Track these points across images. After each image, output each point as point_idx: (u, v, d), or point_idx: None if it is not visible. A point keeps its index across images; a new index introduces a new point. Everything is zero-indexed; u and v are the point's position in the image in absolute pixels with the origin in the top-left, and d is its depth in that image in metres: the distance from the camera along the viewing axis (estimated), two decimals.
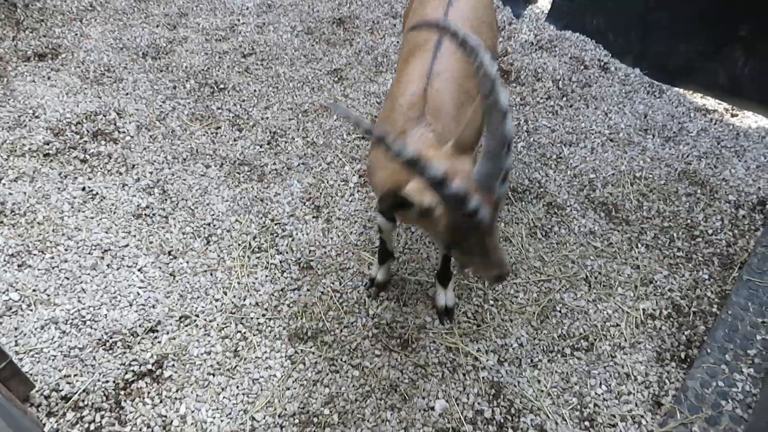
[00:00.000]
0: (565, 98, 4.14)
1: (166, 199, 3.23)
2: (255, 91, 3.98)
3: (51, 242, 2.90)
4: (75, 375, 2.39)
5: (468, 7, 2.45)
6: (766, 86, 3.97)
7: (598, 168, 3.66)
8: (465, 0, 2.46)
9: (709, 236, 3.30)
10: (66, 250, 2.88)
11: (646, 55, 4.38)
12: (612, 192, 3.51)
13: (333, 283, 2.90)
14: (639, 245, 3.24)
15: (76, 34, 4.23)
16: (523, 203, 3.42)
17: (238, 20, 4.59)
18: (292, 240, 3.10)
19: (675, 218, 3.38)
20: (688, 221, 3.37)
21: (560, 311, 2.87)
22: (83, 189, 3.20)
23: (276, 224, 3.18)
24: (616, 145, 3.82)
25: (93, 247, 2.91)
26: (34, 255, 2.82)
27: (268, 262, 2.98)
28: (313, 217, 3.24)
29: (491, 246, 1.78)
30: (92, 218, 3.07)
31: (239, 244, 3.05)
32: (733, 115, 4.14)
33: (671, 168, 3.68)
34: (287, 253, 3.04)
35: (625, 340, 2.76)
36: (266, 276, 2.91)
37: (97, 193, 3.19)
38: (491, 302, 2.88)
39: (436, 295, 2.83)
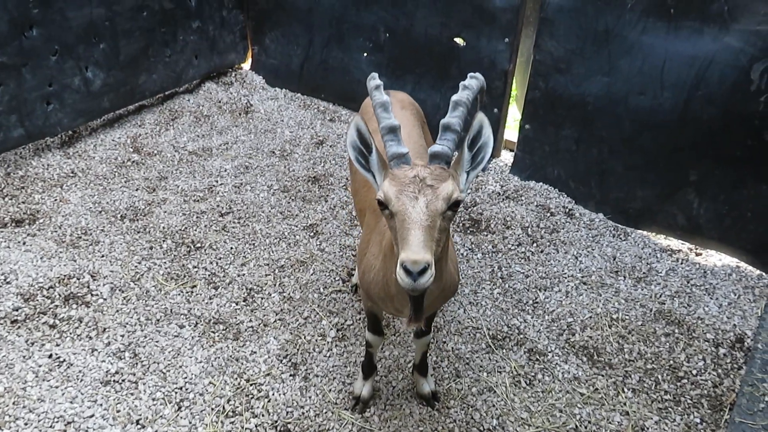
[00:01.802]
0: (535, 244, 4.27)
1: (136, 363, 3.11)
2: (232, 248, 4.02)
3: (10, 416, 2.72)
4: None
5: (405, 135, 2.60)
6: (722, 226, 4.17)
7: (575, 311, 3.68)
8: (404, 130, 2.63)
9: (694, 377, 3.25)
10: (26, 424, 2.70)
11: (607, 201, 4.61)
12: (591, 335, 3.50)
13: None
14: (625, 389, 3.17)
15: (56, 200, 4.32)
16: (504, 351, 3.37)
17: (216, 181, 4.76)
18: (268, 401, 2.97)
19: (657, 359, 3.35)
20: (671, 362, 3.34)
21: None
22: (50, 356, 3.08)
23: (251, 384, 3.05)
24: (590, 288, 3.88)
25: (55, 420, 2.73)
26: None
27: (242, 427, 2.81)
28: (290, 375, 3.13)
29: (410, 220, 1.75)
30: (57, 387, 2.92)
31: (212, 409, 2.90)
32: (697, 254, 4.28)
33: (646, 308, 3.72)
34: (263, 415, 2.89)
35: None
36: None
37: (64, 360, 3.07)
38: None
39: (419, 386, 3.01)
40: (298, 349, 3.29)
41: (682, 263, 4.16)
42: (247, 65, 6.64)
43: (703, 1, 3.77)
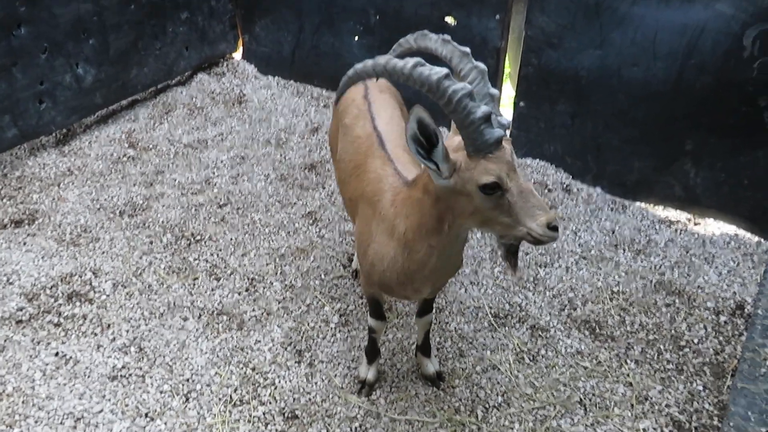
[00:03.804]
0: None
1: (142, 357, 3.14)
2: (231, 239, 4.03)
3: (20, 415, 2.75)
4: None
5: (388, 117, 2.80)
6: (719, 194, 4.17)
7: (576, 286, 3.69)
8: (384, 115, 2.81)
9: (696, 345, 3.28)
10: (36, 422, 2.73)
11: (604, 175, 4.61)
12: (593, 309, 3.52)
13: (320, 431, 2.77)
14: (628, 361, 3.20)
15: (54, 199, 4.33)
16: (507, 329, 3.40)
17: (213, 173, 4.76)
18: (275, 389, 3.00)
19: (659, 330, 3.38)
20: (672, 332, 3.36)
21: None
22: (56, 354, 3.11)
23: (257, 373, 3.08)
24: (590, 263, 3.89)
25: (65, 416, 2.77)
26: (1, 431, 2.66)
27: (250, 415, 2.85)
28: (296, 362, 3.16)
29: (527, 189, 1.91)
30: (65, 385, 2.95)
31: (220, 399, 2.93)
32: (696, 224, 4.29)
33: (646, 280, 3.74)
34: (270, 403, 2.92)
35: None
36: (249, 431, 2.77)
37: (70, 358, 3.09)
38: None
39: (423, 367, 3.07)
40: (302, 336, 3.32)
41: (680, 233, 4.17)
42: (238, 54, 6.59)
43: None
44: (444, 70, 1.85)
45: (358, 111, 2.83)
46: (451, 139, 2.09)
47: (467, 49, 2.15)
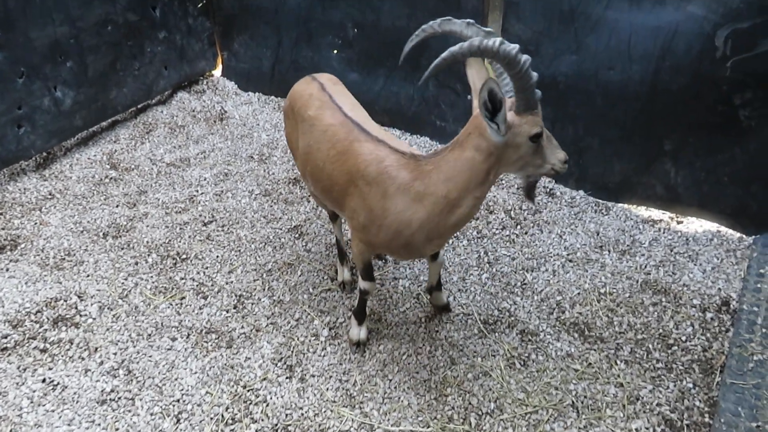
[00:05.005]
0: (519, 226, 4.30)
1: (131, 380, 3.10)
2: (218, 256, 4.01)
3: None
4: None
5: (350, 105, 3.12)
6: (700, 192, 4.23)
7: (563, 289, 3.72)
8: (347, 103, 3.12)
9: (684, 343, 3.31)
10: None
11: (586, 177, 4.66)
12: (581, 311, 3.55)
13: None
14: (618, 362, 3.22)
15: (36, 223, 4.28)
16: (497, 334, 3.41)
17: (197, 191, 4.74)
18: (267, 405, 2.98)
19: (647, 329, 3.41)
20: (660, 331, 3.39)
21: None
22: (43, 380, 3.06)
23: (249, 390, 3.06)
24: (576, 265, 3.92)
25: None
26: None
27: None
28: (287, 377, 3.14)
29: (549, 135, 2.58)
30: (53, 411, 2.90)
31: (211, 418, 2.90)
32: (678, 222, 4.34)
33: (632, 280, 3.77)
34: (263, 420, 2.90)
35: None
36: None
37: (58, 383, 3.05)
38: None
39: (438, 299, 3.48)
40: (292, 351, 3.30)
41: (664, 233, 4.21)
42: (218, 72, 6.60)
43: None
44: (517, 46, 2.27)
45: (320, 102, 3.08)
46: (506, 103, 2.47)
47: (491, 29, 2.54)
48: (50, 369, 3.15)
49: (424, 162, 2.66)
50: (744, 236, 4.11)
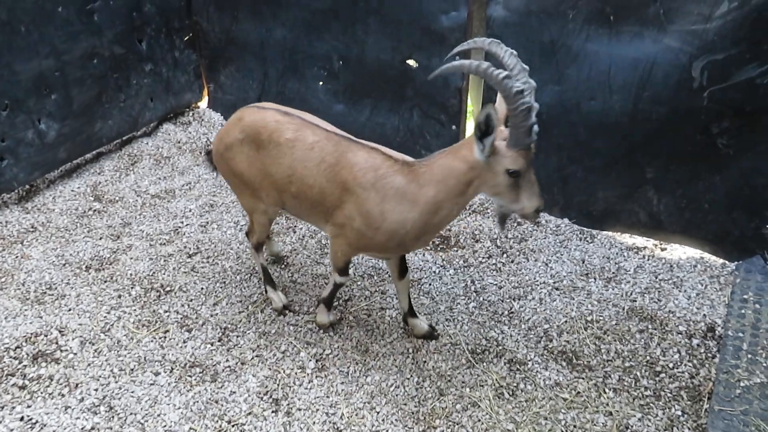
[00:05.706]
0: (505, 255, 4.31)
1: (113, 417, 3.03)
2: (202, 288, 3.97)
3: None
4: None
5: (325, 123, 3.25)
6: (682, 219, 4.28)
7: (550, 317, 3.71)
8: (320, 122, 3.26)
9: (671, 370, 3.31)
10: None
11: (571, 205, 4.70)
12: (568, 339, 3.54)
13: None
14: (606, 390, 3.21)
15: (17, 257, 4.22)
16: (485, 364, 3.38)
17: (182, 223, 4.71)
18: None
19: (634, 357, 3.40)
20: (648, 358, 3.39)
21: None
22: (21, 419, 2.98)
23: (233, 426, 3.00)
24: (563, 293, 3.93)
25: None
26: None
27: None
28: (273, 411, 3.09)
29: (533, 181, 2.68)
30: None
31: None
32: (662, 249, 4.38)
33: (619, 307, 3.78)
34: None
35: None
36: None
37: (36, 422, 2.97)
38: None
39: (417, 328, 3.52)
40: (278, 384, 3.25)
41: (648, 260, 4.25)
42: (204, 103, 6.62)
43: (640, 6, 3.92)
44: (521, 85, 2.50)
45: (295, 126, 3.17)
46: (502, 132, 2.67)
47: (526, 67, 2.71)
48: (29, 407, 3.07)
49: (417, 165, 2.88)
50: (727, 262, 4.16)
